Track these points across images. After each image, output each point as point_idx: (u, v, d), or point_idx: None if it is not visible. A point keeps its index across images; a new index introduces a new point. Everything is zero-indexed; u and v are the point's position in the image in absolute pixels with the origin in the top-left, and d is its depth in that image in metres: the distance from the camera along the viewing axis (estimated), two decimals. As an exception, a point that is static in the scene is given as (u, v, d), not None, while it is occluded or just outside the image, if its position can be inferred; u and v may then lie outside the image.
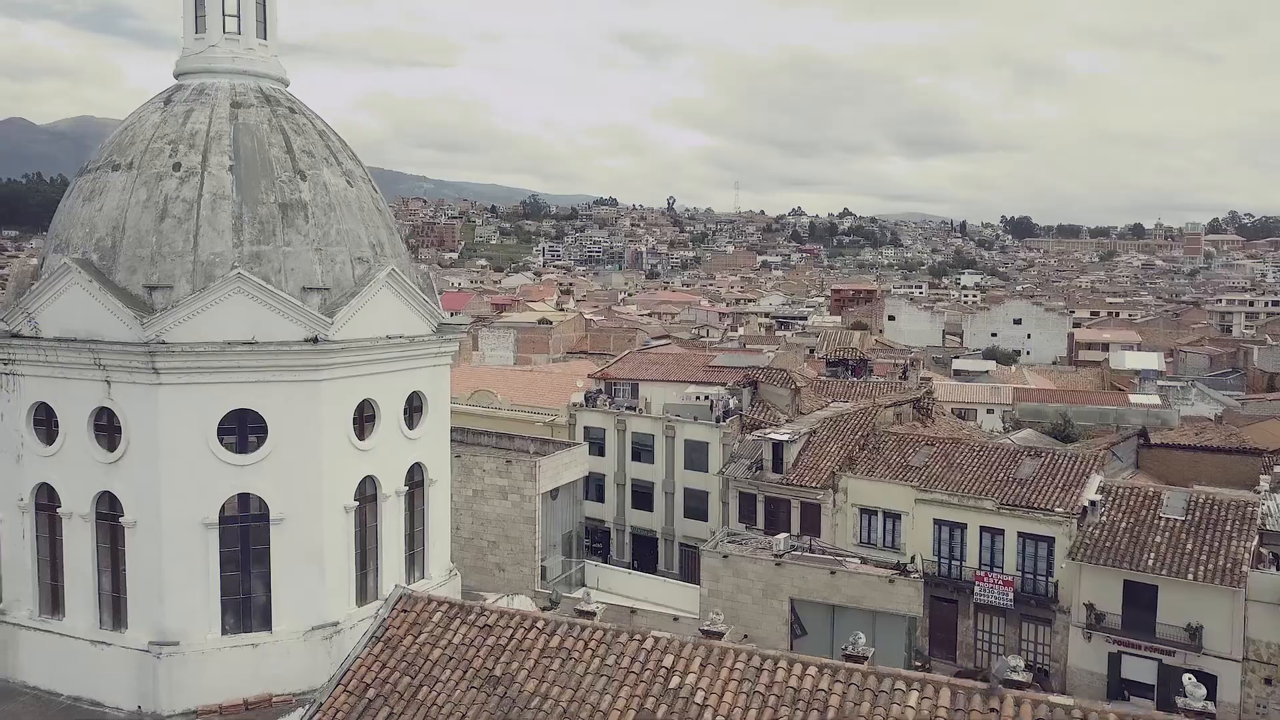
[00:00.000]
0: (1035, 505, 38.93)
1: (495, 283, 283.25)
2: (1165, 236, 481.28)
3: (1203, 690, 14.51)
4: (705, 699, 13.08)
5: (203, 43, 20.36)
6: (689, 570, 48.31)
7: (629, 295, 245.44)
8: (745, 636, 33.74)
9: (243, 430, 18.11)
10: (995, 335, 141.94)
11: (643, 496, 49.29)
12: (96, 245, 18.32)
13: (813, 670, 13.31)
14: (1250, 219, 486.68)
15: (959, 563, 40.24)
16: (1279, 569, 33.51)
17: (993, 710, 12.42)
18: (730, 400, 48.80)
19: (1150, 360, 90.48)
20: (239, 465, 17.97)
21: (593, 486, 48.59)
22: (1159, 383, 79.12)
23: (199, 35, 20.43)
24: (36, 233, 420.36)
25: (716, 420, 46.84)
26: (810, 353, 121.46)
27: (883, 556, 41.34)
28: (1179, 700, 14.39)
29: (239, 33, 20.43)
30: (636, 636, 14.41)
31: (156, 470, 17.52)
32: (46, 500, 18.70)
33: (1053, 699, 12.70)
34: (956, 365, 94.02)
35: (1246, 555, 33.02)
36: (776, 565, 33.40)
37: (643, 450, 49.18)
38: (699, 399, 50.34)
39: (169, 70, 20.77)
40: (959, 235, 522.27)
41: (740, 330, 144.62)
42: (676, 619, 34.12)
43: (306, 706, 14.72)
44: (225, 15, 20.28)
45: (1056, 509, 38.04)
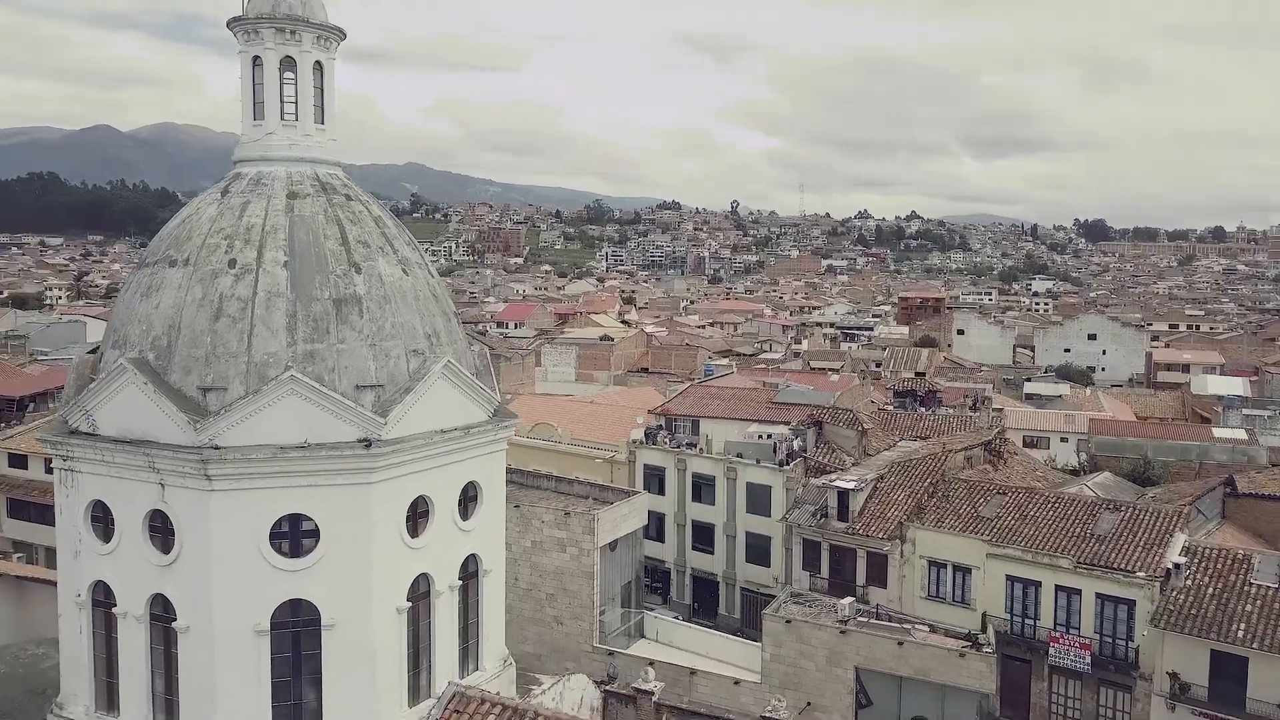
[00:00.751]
0: (1115, 565, 37.17)
1: (559, 289, 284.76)
2: (1248, 239, 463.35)
3: None
4: None
5: (260, 130, 20.19)
6: (750, 615, 47.36)
7: (691, 302, 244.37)
8: (808, 704, 32.78)
9: (295, 534, 17.82)
10: (1068, 351, 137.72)
11: (704, 538, 48.45)
12: (153, 344, 18.20)
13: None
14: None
15: (1033, 621, 38.65)
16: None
17: None
18: (794, 441, 47.69)
19: (1234, 386, 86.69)
20: (291, 571, 17.69)
21: (652, 525, 47.89)
22: (1244, 411, 75.64)
23: (257, 122, 20.27)
24: (120, 237, 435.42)
25: (780, 464, 45.78)
26: (876, 366, 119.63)
27: (952, 612, 39.99)
28: None
29: (296, 119, 20.23)
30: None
31: (209, 576, 17.32)
32: (103, 597, 18.66)
33: None
34: (1028, 389, 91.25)
35: (1348, 634, 31.03)
36: (841, 633, 32.36)
37: (704, 490, 48.34)
38: (762, 437, 49.34)
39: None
40: (1030, 239, 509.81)
41: (804, 343, 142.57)
42: (738, 683, 33.30)
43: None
44: (283, 103, 20.07)
45: (1138, 572, 36.25)
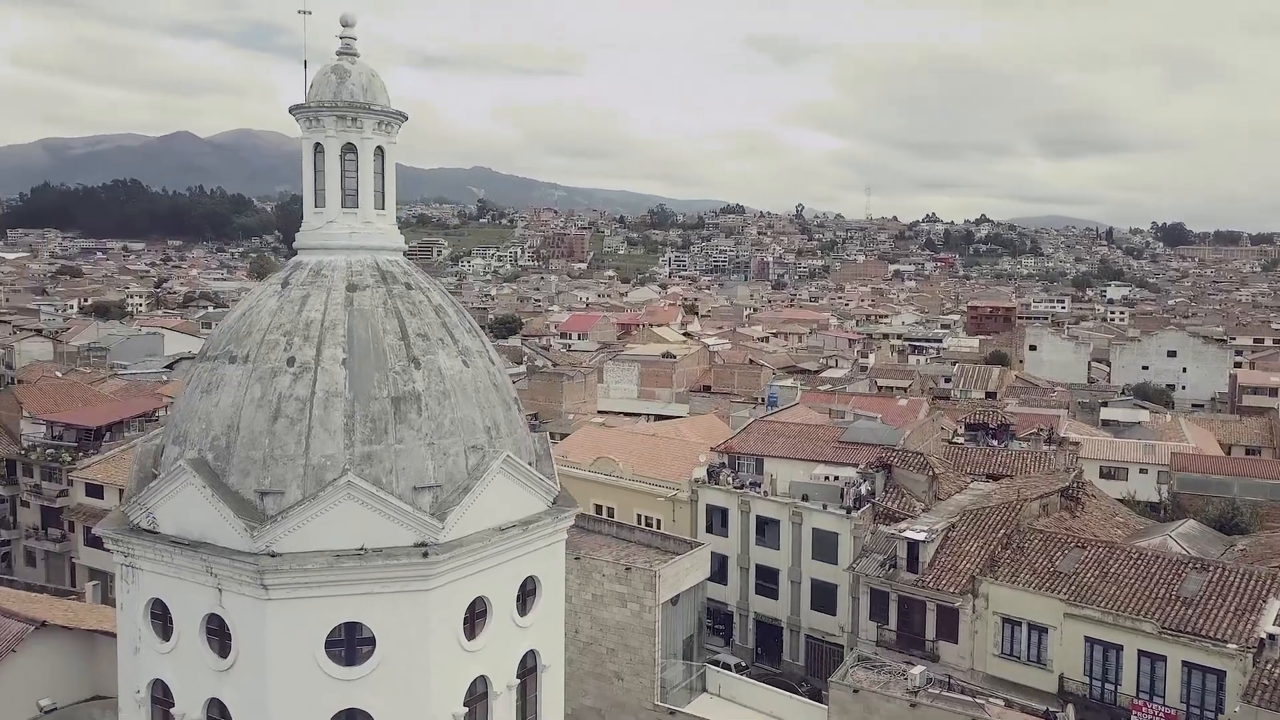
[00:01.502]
0: (1203, 632, 35.32)
1: (621, 295, 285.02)
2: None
3: None
4: None
5: (321, 217, 19.95)
6: (815, 663, 46.32)
7: (754, 310, 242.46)
8: (876, 777, 31.67)
9: (350, 642, 17.46)
10: (1146, 368, 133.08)
11: (767, 582, 47.49)
12: (212, 444, 18.03)
13: None
14: None
15: (1114, 687, 36.94)
16: None
17: None
18: (862, 486, 46.46)
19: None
20: (346, 680, 17.33)
21: (715, 566, 47.15)
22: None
23: (318, 209, 20.04)
24: (198, 241, 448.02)
25: (847, 510, 44.61)
26: (946, 382, 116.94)
27: (1027, 672, 38.50)
28: None
29: (357, 206, 19.93)
30: None
31: (264, 684, 17.05)
32: (162, 695, 18.53)
33: None
34: (1105, 414, 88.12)
35: None
36: (912, 705, 31.22)
37: (768, 533, 47.39)
38: (828, 479, 48.22)
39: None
40: (1105, 243, 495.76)
41: (871, 357, 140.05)
42: (802, 750, 32.35)
43: None
44: (344, 190, 19.82)
45: (1229, 642, 34.37)
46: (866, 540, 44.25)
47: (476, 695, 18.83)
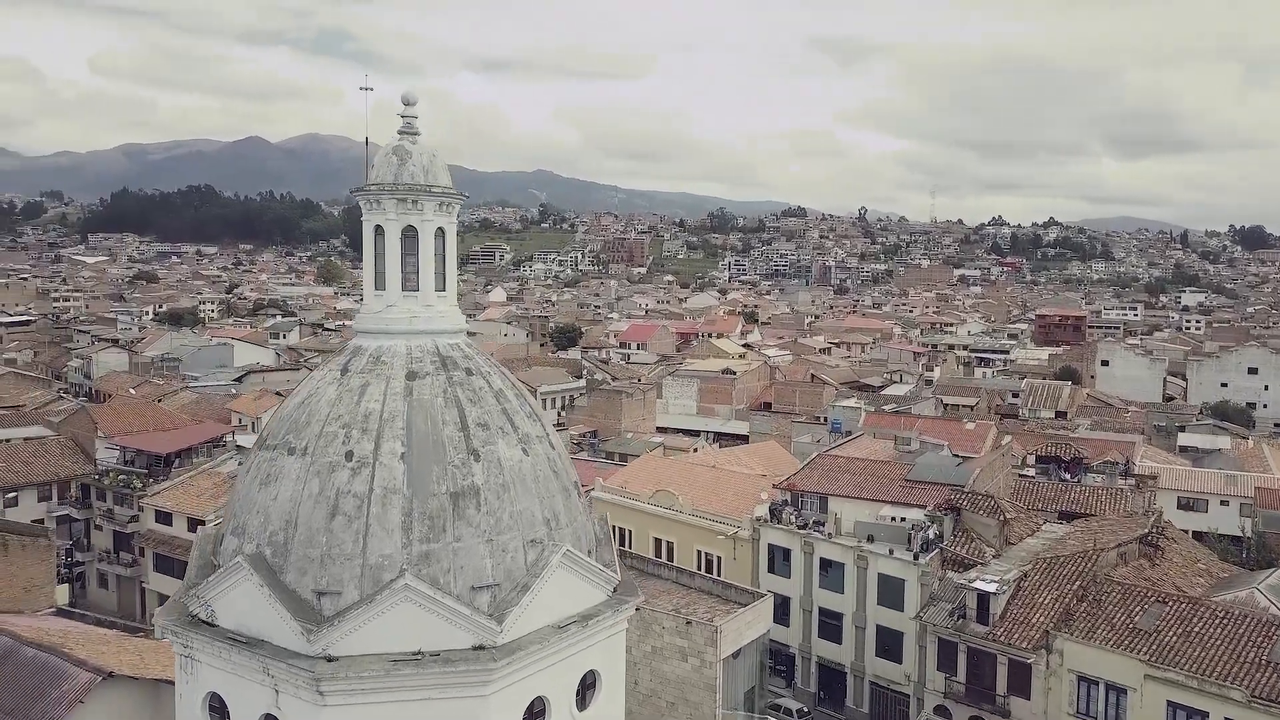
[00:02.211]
0: (1297, 704, 33.43)
1: (680, 300, 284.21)
2: None
3: None
4: None
5: (381, 300, 19.66)
6: (880, 711, 45.13)
7: (816, 318, 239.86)
8: None
9: (407, 747, 17.09)
10: (1225, 385, 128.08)
11: (831, 625, 46.40)
12: (270, 539, 17.82)
13: None
14: None
15: (1198, 755, 35.21)
16: None
17: None
18: (930, 529, 45.13)
19: None
20: (403, 787, 16.96)
21: (777, 606, 46.22)
22: None
23: (378, 292, 19.77)
24: (267, 246, 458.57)
25: (915, 556, 43.33)
26: (1014, 397, 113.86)
27: (1104, 737, 36.89)
28: None
29: (417, 289, 19.61)
30: None
31: (320, 788, 16.75)
32: (219, 788, 18.39)
33: None
34: (1183, 440, 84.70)
35: None
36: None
37: (832, 575, 46.31)
38: (894, 519, 46.97)
39: (382, 87, 20.23)
40: (1179, 246, 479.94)
41: (936, 371, 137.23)
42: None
43: None
44: (404, 273, 19.51)
45: (1326, 717, 32.48)
46: (934, 587, 42.94)
47: (534, 797, 18.35)
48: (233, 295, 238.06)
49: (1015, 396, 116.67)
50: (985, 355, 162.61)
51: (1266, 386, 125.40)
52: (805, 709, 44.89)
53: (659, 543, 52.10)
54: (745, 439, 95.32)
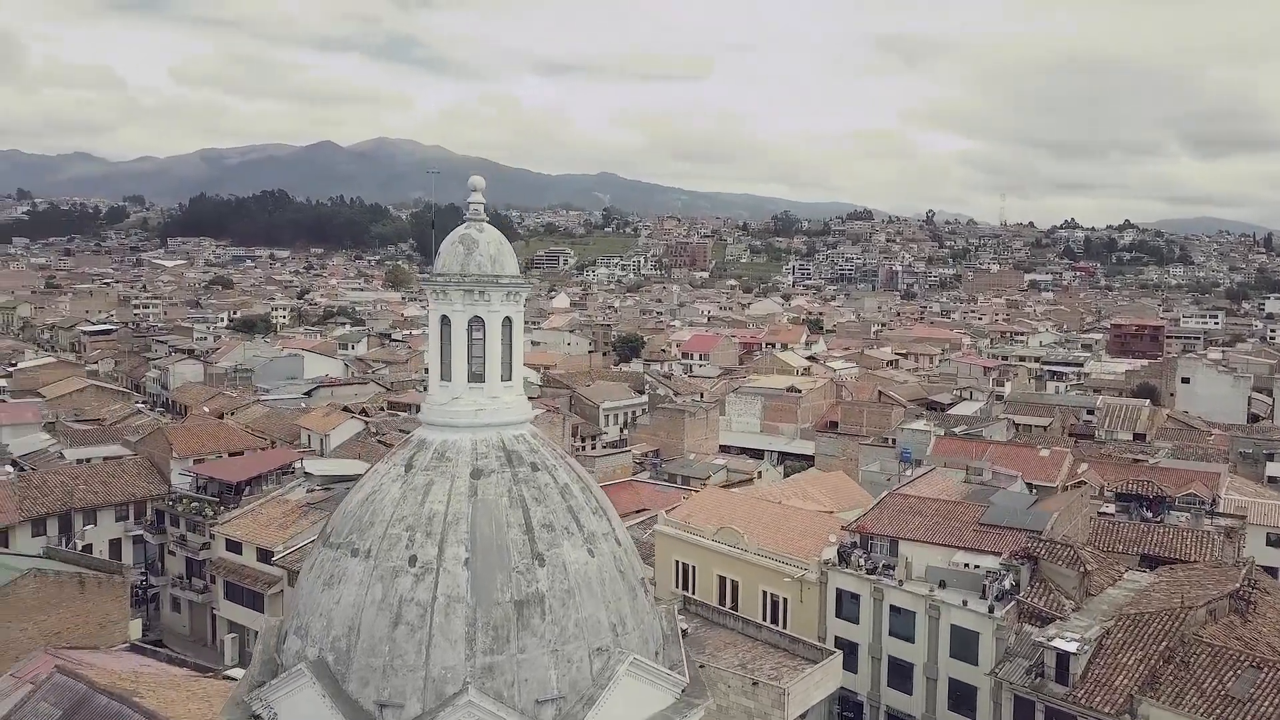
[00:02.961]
0: (1407, 789, 31.34)
1: (743, 306, 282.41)
2: None
3: None
4: None
5: (446, 392, 19.26)
6: (951, 767, 43.69)
7: (883, 325, 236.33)
8: None
9: None
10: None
11: (901, 676, 45.03)
12: (332, 645, 17.52)
13: None
14: None
15: (1296, 837, 33.23)
16: None
17: None
18: (1006, 579, 43.54)
19: None
20: None
21: (845, 651, 45.06)
22: None
23: (444, 383, 19.38)
24: (338, 249, 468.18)
25: (990, 609, 41.79)
26: (1089, 415, 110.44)
27: (1193, 811, 35.07)
28: None
29: (483, 381, 19.15)
30: None
31: None
32: None
33: None
34: (1271, 470, 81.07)
35: None
36: None
37: (902, 623, 44.97)
38: (967, 566, 45.45)
39: (448, 92, 19.94)
40: (1263, 249, 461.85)
41: (1007, 386, 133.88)
42: None
43: None
44: (471, 366, 19.08)
45: None
46: (1010, 641, 41.39)
47: None
48: (303, 301, 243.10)
49: (1090, 414, 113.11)
50: (1058, 369, 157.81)
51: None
52: (874, 760, 43.70)
53: (723, 581, 51.22)
54: (810, 460, 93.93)
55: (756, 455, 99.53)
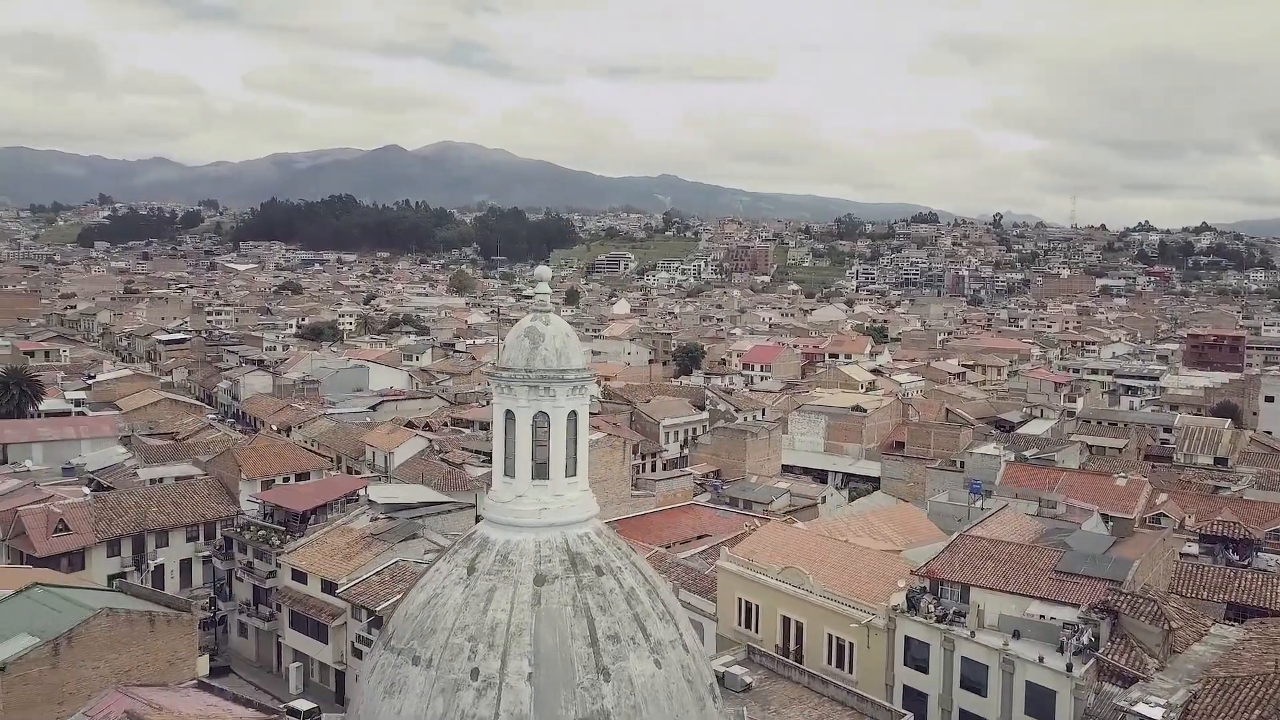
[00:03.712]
0: None
1: (805, 312, 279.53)
2: None
3: None
4: None
5: (510, 489, 18.80)
6: (1025, 829, 42.10)
7: (949, 334, 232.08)
8: None
9: None
10: None
11: (972, 730, 43.55)
12: (394, 759, 17.14)
13: None
14: None
15: None
16: None
17: None
18: (1085, 633, 41.78)
19: None
20: None
21: (915, 705, 43.78)
22: None
23: (507, 479, 18.91)
24: (403, 253, 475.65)
25: (1068, 666, 40.14)
26: (1166, 433, 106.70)
27: None
28: None
29: (547, 479, 18.63)
30: None
31: None
32: None
33: None
34: (1367, 503, 77.04)
35: None
36: None
37: (974, 677, 43.46)
38: (1043, 617, 43.77)
39: (511, 96, 19.54)
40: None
41: (1079, 402, 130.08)
42: None
43: None
44: (535, 462, 18.57)
45: None
46: (1090, 701, 39.66)
47: None
48: (369, 307, 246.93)
49: (1167, 432, 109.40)
50: (1132, 383, 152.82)
51: None
52: (943, 818, 42.32)
53: (787, 622, 50.16)
54: (876, 482, 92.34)
55: (820, 476, 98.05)
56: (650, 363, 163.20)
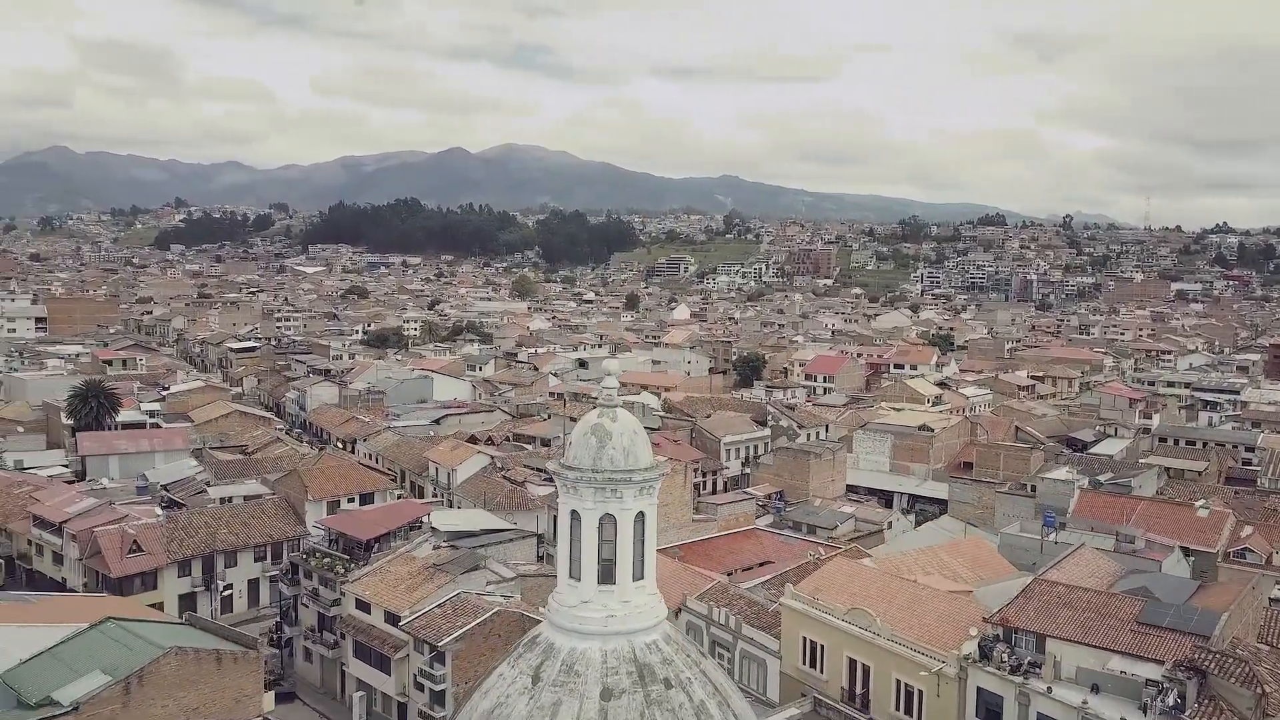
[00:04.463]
0: None
1: (869, 318, 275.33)
2: None
3: None
4: None
5: (575, 593, 18.24)
6: None
7: (1018, 342, 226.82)
8: None
9: None
10: None
11: (1048, 791, 41.95)
12: None
13: None
14: None
15: None
16: None
17: None
18: (1171, 694, 39.93)
19: None
20: None
21: (985, 756, 42.26)
22: None
23: (572, 581, 18.33)
24: (466, 256, 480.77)
25: (1150, 731, 38.43)
26: (1248, 454, 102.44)
27: None
28: None
29: (614, 583, 18.03)
30: None
31: None
32: None
33: None
34: None
35: None
36: None
37: (1050, 733, 41.87)
38: (1123, 673, 41.96)
39: (573, 98, 18.98)
40: None
41: (1155, 419, 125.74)
42: None
43: None
44: (601, 565, 17.98)
45: None
46: (1175, 768, 37.90)
47: None
48: (434, 312, 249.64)
49: (1249, 452, 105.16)
50: (1210, 397, 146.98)
51: None
52: None
53: (853, 665, 48.96)
54: (943, 505, 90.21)
55: (885, 497, 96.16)
56: (710, 372, 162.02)
